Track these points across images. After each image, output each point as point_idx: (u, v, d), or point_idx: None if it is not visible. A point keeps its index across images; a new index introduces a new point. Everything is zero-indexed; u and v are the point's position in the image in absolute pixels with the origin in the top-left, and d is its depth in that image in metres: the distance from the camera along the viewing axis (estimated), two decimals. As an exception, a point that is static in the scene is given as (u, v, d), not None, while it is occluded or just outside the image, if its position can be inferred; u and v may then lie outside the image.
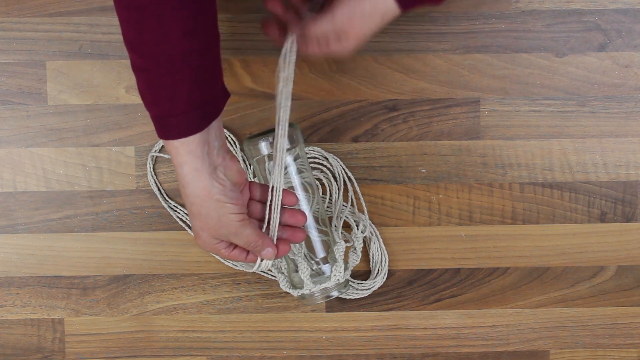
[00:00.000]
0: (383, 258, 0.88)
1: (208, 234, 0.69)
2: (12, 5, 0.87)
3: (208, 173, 0.66)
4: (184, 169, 0.65)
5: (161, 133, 0.65)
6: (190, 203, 0.67)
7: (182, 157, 0.65)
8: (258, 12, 0.88)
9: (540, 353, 0.90)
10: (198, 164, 0.65)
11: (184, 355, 0.89)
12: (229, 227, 0.68)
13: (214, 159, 0.67)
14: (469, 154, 0.88)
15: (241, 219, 0.68)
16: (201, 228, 0.69)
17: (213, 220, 0.68)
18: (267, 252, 0.72)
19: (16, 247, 0.88)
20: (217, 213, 0.67)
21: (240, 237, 0.69)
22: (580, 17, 0.88)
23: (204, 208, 0.67)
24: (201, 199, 0.66)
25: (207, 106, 0.65)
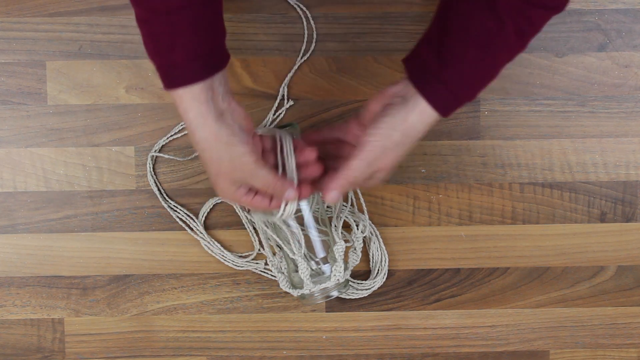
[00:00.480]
0: (383, 258, 0.88)
1: (225, 180, 0.69)
2: (12, 5, 0.87)
3: (214, 117, 0.66)
4: (189, 115, 0.66)
5: (164, 83, 0.66)
6: (202, 149, 0.67)
7: (186, 104, 0.65)
8: (258, 12, 0.88)
9: (540, 353, 0.90)
10: (203, 109, 0.65)
11: (184, 355, 0.89)
12: (244, 169, 0.68)
13: (219, 104, 0.67)
14: (469, 154, 0.88)
15: (255, 159, 0.68)
16: (217, 175, 0.69)
17: (226, 164, 0.67)
18: (289, 194, 0.71)
19: (16, 247, 0.88)
20: (229, 155, 0.67)
21: (257, 179, 0.69)
22: (580, 17, 0.88)
23: (215, 152, 0.67)
24: (210, 143, 0.66)
25: (207, 57, 0.65)
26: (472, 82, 0.68)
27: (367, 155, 0.68)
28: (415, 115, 0.68)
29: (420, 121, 0.68)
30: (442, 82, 0.67)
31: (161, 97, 0.88)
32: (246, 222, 0.88)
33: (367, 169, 0.69)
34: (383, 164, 0.69)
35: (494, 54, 0.67)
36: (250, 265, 0.88)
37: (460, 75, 0.67)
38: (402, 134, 0.68)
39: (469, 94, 0.69)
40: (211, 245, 0.88)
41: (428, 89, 0.67)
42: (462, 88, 0.67)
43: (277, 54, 0.88)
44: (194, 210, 0.88)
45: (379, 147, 0.68)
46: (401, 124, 0.68)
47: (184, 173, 0.88)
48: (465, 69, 0.67)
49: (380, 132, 0.68)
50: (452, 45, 0.67)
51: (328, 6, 0.88)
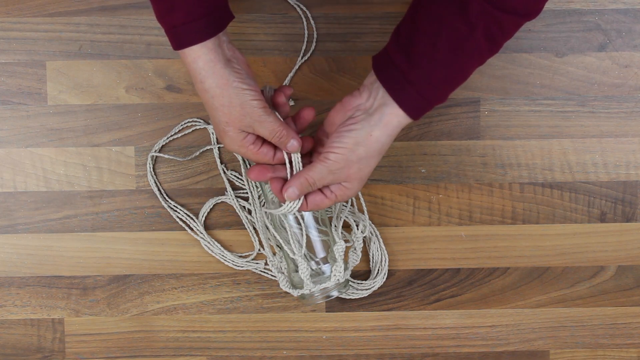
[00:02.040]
0: (383, 258, 0.88)
1: (233, 128, 0.69)
2: (12, 5, 0.87)
3: (223, 63, 0.67)
4: (198, 64, 0.67)
5: (171, 44, 0.67)
6: (211, 96, 0.68)
7: (195, 54, 0.67)
8: (258, 12, 0.88)
9: (540, 353, 0.90)
10: (212, 56, 0.67)
11: (184, 355, 0.89)
12: (253, 114, 0.68)
13: (225, 51, 0.68)
14: (469, 154, 0.88)
15: (263, 105, 0.69)
16: (226, 123, 0.69)
17: (236, 109, 0.68)
18: (293, 145, 0.71)
19: (16, 247, 0.88)
20: (239, 100, 0.68)
21: (265, 125, 0.69)
22: (580, 17, 0.88)
23: (225, 98, 0.68)
24: (221, 89, 0.67)
25: (208, 17, 0.66)
26: (441, 84, 0.68)
27: (329, 164, 0.69)
28: (379, 130, 0.68)
29: (385, 134, 0.69)
30: (411, 83, 0.67)
31: (161, 97, 0.88)
32: (246, 222, 0.88)
33: (329, 175, 0.70)
34: (348, 175, 0.70)
35: (463, 57, 0.67)
36: (250, 265, 0.88)
37: (429, 77, 0.67)
38: (366, 148, 0.69)
39: (439, 95, 0.69)
40: (211, 245, 0.88)
41: (398, 90, 0.68)
42: (431, 89, 0.68)
43: (277, 54, 0.88)
44: (194, 210, 0.88)
45: (342, 159, 0.69)
46: (365, 139, 0.68)
47: (184, 173, 0.88)
48: (434, 71, 0.67)
49: (344, 146, 0.69)
50: (422, 47, 0.67)
51: (328, 6, 0.88)
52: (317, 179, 0.70)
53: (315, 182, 0.70)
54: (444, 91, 0.69)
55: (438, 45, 0.66)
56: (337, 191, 0.71)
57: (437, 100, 0.69)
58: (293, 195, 0.70)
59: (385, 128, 0.68)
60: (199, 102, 0.88)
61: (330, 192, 0.71)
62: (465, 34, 0.66)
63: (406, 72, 0.67)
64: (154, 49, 0.87)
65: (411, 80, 0.67)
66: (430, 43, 0.67)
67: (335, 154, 0.69)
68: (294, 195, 0.70)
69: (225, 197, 0.88)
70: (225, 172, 0.88)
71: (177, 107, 0.88)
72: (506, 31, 0.67)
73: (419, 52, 0.67)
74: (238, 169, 0.88)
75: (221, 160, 0.88)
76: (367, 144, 0.69)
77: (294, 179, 0.71)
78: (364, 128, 0.68)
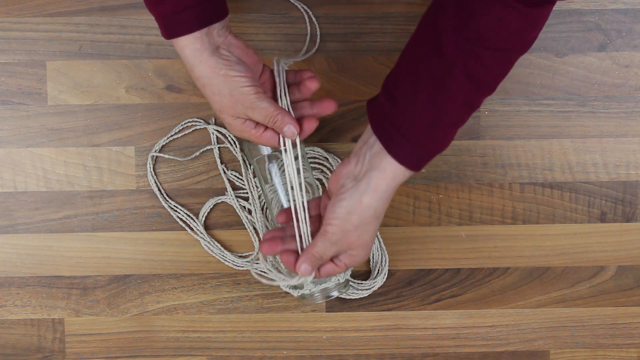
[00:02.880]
0: (383, 258, 0.88)
1: (228, 115, 0.69)
2: (12, 5, 0.87)
3: (210, 52, 0.67)
4: (185, 53, 0.67)
5: (162, 33, 0.67)
6: (202, 85, 0.68)
7: (182, 42, 0.67)
8: (258, 12, 0.88)
9: (540, 353, 0.90)
10: (198, 45, 0.66)
11: (184, 355, 0.89)
12: (244, 101, 0.68)
13: (214, 38, 0.67)
14: (469, 154, 0.88)
15: (255, 91, 0.68)
16: (220, 110, 0.69)
17: (226, 97, 0.68)
18: (289, 130, 0.70)
19: (16, 247, 0.88)
20: (228, 88, 0.67)
21: (257, 111, 0.69)
22: (580, 17, 0.88)
23: (214, 86, 0.67)
24: (209, 78, 0.67)
25: (198, 9, 0.66)
26: (429, 128, 0.66)
27: (329, 237, 0.69)
28: (368, 196, 0.67)
29: (376, 198, 0.67)
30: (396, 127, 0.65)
31: (161, 97, 0.88)
32: (246, 222, 0.88)
33: (333, 247, 0.69)
34: (350, 244, 0.69)
35: (444, 98, 0.64)
36: (250, 265, 0.88)
37: (412, 119, 0.65)
38: (359, 216, 0.68)
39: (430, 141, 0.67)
40: (211, 245, 0.88)
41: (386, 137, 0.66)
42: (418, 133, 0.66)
43: (278, 54, 0.88)
44: (194, 210, 0.88)
45: (339, 230, 0.68)
46: (357, 207, 0.67)
47: (184, 173, 0.88)
48: (417, 113, 0.65)
49: (338, 217, 0.68)
50: (404, 89, 0.66)
51: (329, 6, 0.88)
52: (322, 253, 0.70)
53: (322, 256, 0.70)
54: (434, 136, 0.66)
55: (418, 86, 0.65)
56: (345, 260, 0.71)
57: (430, 145, 0.67)
58: (306, 272, 0.71)
59: (374, 193, 0.67)
60: (199, 102, 0.88)
61: (340, 261, 0.71)
62: (443, 73, 0.64)
63: (391, 115, 0.66)
64: (154, 49, 0.87)
65: (396, 123, 0.66)
66: (411, 84, 0.65)
67: (331, 225, 0.68)
68: (307, 271, 0.71)
69: (226, 197, 0.88)
70: (226, 172, 0.88)
71: (177, 107, 0.88)
72: (490, 68, 0.64)
73: (401, 95, 0.66)
74: (238, 169, 0.88)
75: (221, 160, 0.88)
76: (359, 211, 0.67)
77: (303, 255, 0.71)
78: (352, 196, 0.67)
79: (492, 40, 0.63)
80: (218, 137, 0.87)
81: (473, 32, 0.62)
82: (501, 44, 0.64)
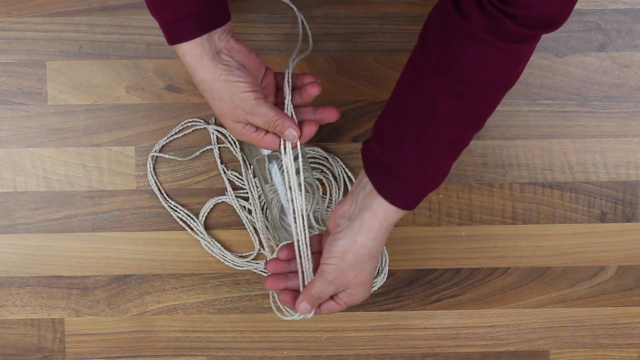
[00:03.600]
0: (383, 258, 0.88)
1: (228, 119, 0.69)
2: (12, 5, 0.87)
3: (210, 57, 0.67)
4: (186, 58, 0.67)
5: (166, 39, 0.68)
6: (203, 90, 0.69)
7: (183, 47, 0.67)
8: (258, 12, 0.88)
9: (540, 353, 0.90)
10: (198, 50, 0.67)
11: (184, 355, 0.89)
12: (244, 106, 0.68)
13: (215, 43, 0.67)
14: (469, 154, 0.88)
15: (254, 97, 0.68)
16: (221, 115, 0.69)
17: (227, 102, 0.68)
18: (290, 133, 0.71)
19: (16, 247, 0.88)
20: (228, 93, 0.68)
21: (257, 116, 0.69)
22: (580, 17, 0.88)
23: (215, 92, 0.68)
24: (209, 83, 0.67)
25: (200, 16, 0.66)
26: (420, 167, 0.66)
27: (326, 276, 0.70)
28: (362, 236, 0.68)
29: (369, 238, 0.68)
30: (386, 168, 0.66)
31: (161, 97, 0.88)
32: (246, 222, 0.88)
33: (330, 286, 0.70)
34: (347, 282, 0.70)
35: (432, 138, 0.65)
36: (250, 265, 0.88)
37: (401, 160, 0.66)
38: (355, 254, 0.68)
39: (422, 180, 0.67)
40: (211, 245, 0.88)
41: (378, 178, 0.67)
42: (409, 173, 0.66)
43: (278, 54, 0.88)
44: (194, 210, 0.88)
45: (335, 270, 0.69)
46: (351, 247, 0.68)
47: (184, 173, 0.88)
48: (406, 154, 0.66)
49: (334, 256, 0.69)
50: (390, 131, 0.67)
51: (328, 6, 0.88)
52: (321, 292, 0.71)
53: (320, 296, 0.71)
54: (426, 175, 0.67)
55: (404, 128, 0.65)
56: (344, 298, 0.72)
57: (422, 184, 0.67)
58: (305, 310, 0.72)
59: (367, 233, 0.68)
60: (199, 102, 0.88)
61: (340, 299, 0.72)
62: (426, 113, 0.64)
63: (381, 157, 0.67)
64: (154, 49, 0.87)
65: (386, 164, 0.66)
66: (397, 126, 0.66)
67: (328, 265, 0.69)
68: (306, 309, 0.72)
69: (226, 197, 0.88)
70: (225, 172, 0.88)
71: (177, 107, 0.88)
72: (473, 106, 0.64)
73: (388, 137, 0.67)
74: (238, 169, 0.88)
75: (221, 160, 0.88)
76: (353, 251, 0.68)
77: (303, 295, 0.72)
78: (347, 236, 0.68)
79: (474, 79, 0.63)
80: (218, 137, 0.88)
81: (454, 71, 0.62)
82: (483, 82, 0.63)
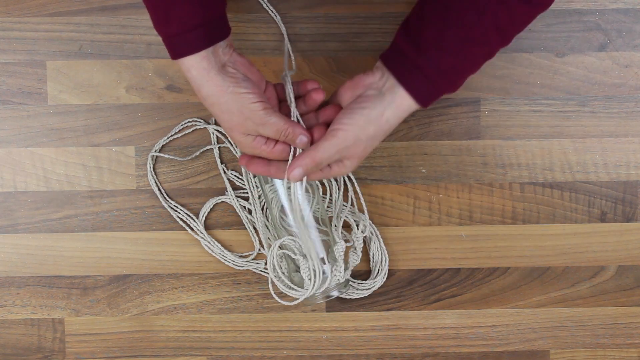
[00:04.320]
0: (383, 258, 0.88)
1: (238, 132, 0.69)
2: (12, 5, 0.87)
3: (216, 70, 0.66)
4: (192, 73, 0.67)
5: (170, 54, 0.67)
6: (210, 104, 0.68)
7: (188, 61, 0.66)
8: (258, 12, 0.88)
9: (540, 353, 0.90)
10: (205, 64, 0.66)
11: (184, 355, 0.89)
12: (254, 117, 0.68)
13: (220, 57, 0.67)
14: (469, 154, 0.88)
15: (263, 107, 0.68)
16: (230, 129, 0.69)
17: (236, 115, 0.67)
18: (301, 140, 0.70)
19: (16, 247, 0.88)
20: (238, 105, 0.67)
21: (267, 127, 0.68)
22: (580, 17, 0.88)
23: (223, 105, 0.67)
24: (217, 97, 0.67)
25: (204, 29, 0.66)
26: (450, 72, 0.68)
27: (338, 141, 0.68)
28: (391, 111, 0.68)
29: (395, 116, 0.68)
30: (419, 69, 0.67)
31: (161, 97, 0.88)
32: (246, 222, 0.88)
33: (336, 154, 0.69)
34: (353, 153, 0.69)
35: (471, 46, 0.66)
36: (250, 265, 0.88)
37: (437, 64, 0.67)
38: (377, 127, 0.68)
39: (448, 83, 0.68)
40: (211, 245, 0.88)
41: (406, 75, 0.67)
42: (440, 77, 0.67)
43: (278, 54, 0.88)
44: (194, 210, 0.88)
45: (352, 137, 0.68)
46: (377, 119, 0.68)
47: (184, 173, 0.88)
48: (442, 58, 0.66)
49: (355, 123, 0.68)
50: (429, 35, 0.66)
51: (328, 6, 0.88)
52: (325, 159, 0.69)
53: (322, 162, 0.69)
54: (452, 79, 0.68)
55: (446, 34, 0.66)
56: (335, 167, 0.70)
57: (445, 87, 0.68)
58: (299, 177, 0.69)
59: (397, 110, 0.68)
60: (199, 102, 0.88)
61: (328, 167, 0.70)
62: (473, 22, 0.65)
63: (414, 58, 0.67)
64: (155, 48, 0.87)
65: (419, 65, 0.67)
66: (438, 31, 0.66)
67: (344, 131, 0.68)
68: (300, 176, 0.69)
69: (226, 197, 0.88)
70: (226, 172, 0.88)
71: (177, 107, 0.88)
72: (517, 22, 0.66)
73: (426, 41, 0.66)
74: (238, 169, 0.88)
75: (221, 160, 0.88)
76: (378, 123, 0.68)
77: (299, 159, 0.69)
78: (376, 107, 0.68)
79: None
80: (218, 136, 0.88)
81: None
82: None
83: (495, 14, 0.65)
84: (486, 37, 0.66)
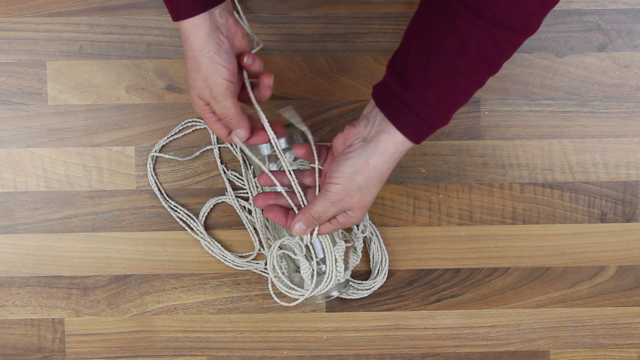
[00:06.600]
0: (383, 258, 0.88)
1: (194, 92, 0.70)
2: (12, 5, 0.87)
3: (207, 30, 0.67)
4: (183, 25, 0.67)
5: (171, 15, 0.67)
6: (187, 57, 0.68)
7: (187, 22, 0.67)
8: (258, 12, 0.88)
9: (540, 353, 0.90)
10: (197, 21, 0.66)
11: (184, 355, 0.89)
12: (213, 89, 0.68)
13: (215, 18, 0.67)
14: (469, 154, 0.88)
15: (227, 87, 0.68)
16: (190, 86, 0.70)
17: (201, 79, 0.68)
18: (240, 132, 0.71)
19: (16, 247, 0.88)
20: (207, 72, 0.67)
21: (219, 105, 0.69)
22: (580, 17, 0.88)
23: (196, 64, 0.68)
24: (195, 53, 0.67)
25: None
26: (439, 106, 0.67)
27: (330, 195, 0.69)
28: (376, 157, 0.68)
29: (382, 161, 0.68)
30: (407, 105, 0.66)
31: (161, 97, 0.88)
32: (246, 222, 0.88)
33: (332, 207, 0.70)
34: (351, 205, 0.70)
35: (456, 77, 0.65)
36: (250, 265, 0.88)
37: (424, 98, 0.66)
38: (364, 176, 0.68)
39: (438, 117, 0.68)
40: (211, 245, 0.88)
41: (394, 113, 0.67)
42: (428, 111, 0.67)
43: (277, 54, 0.88)
44: (194, 210, 0.88)
45: (342, 190, 0.69)
46: (362, 168, 0.68)
47: (184, 173, 0.88)
48: (427, 91, 0.66)
49: (343, 176, 0.68)
50: (414, 69, 0.66)
51: (329, 6, 0.88)
52: (322, 213, 0.70)
53: (320, 216, 0.71)
54: (442, 113, 0.68)
55: (430, 66, 0.65)
56: (341, 219, 0.71)
57: (435, 121, 0.68)
58: (301, 231, 0.72)
59: (382, 155, 0.68)
60: (199, 102, 0.88)
61: (335, 219, 0.72)
62: (456, 53, 0.64)
63: (401, 95, 0.66)
64: (155, 49, 0.87)
65: (406, 102, 0.66)
66: (422, 64, 0.65)
67: (334, 184, 0.69)
68: (302, 230, 0.72)
69: (226, 197, 0.88)
70: (226, 172, 0.88)
71: (177, 107, 0.88)
72: (502, 48, 0.65)
73: (411, 75, 0.66)
74: (238, 169, 0.88)
75: (221, 160, 0.88)
76: (364, 172, 0.68)
77: (300, 215, 0.72)
78: (360, 156, 0.68)
79: (508, 20, 0.63)
80: (218, 137, 0.88)
81: (489, 11, 0.62)
82: (516, 24, 0.64)
83: (479, 43, 0.63)
84: (472, 68, 0.65)
